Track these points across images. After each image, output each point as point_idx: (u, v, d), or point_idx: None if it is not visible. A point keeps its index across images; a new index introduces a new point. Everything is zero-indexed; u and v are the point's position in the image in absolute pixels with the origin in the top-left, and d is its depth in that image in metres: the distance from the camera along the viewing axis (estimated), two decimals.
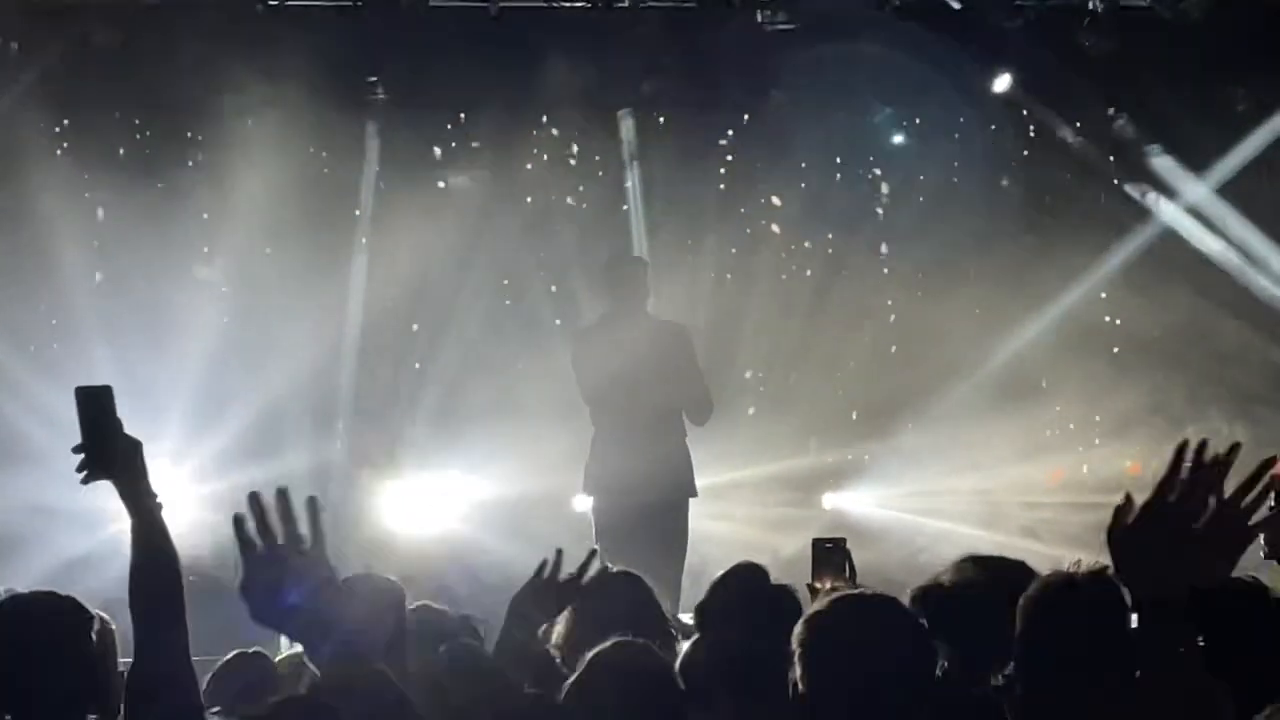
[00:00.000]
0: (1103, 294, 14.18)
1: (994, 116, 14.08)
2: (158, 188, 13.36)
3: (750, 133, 14.15)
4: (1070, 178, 14.31)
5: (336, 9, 12.71)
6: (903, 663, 3.83)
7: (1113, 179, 14.24)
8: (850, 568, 6.17)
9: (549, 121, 13.97)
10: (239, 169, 12.81)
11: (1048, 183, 14.49)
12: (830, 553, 6.13)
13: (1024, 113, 14.12)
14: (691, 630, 5.33)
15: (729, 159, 14.29)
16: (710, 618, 5.03)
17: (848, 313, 14.04)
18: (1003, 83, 13.53)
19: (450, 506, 13.20)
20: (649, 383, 9.76)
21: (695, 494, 10.09)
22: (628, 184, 14.08)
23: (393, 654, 5.60)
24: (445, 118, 13.89)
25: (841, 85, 13.34)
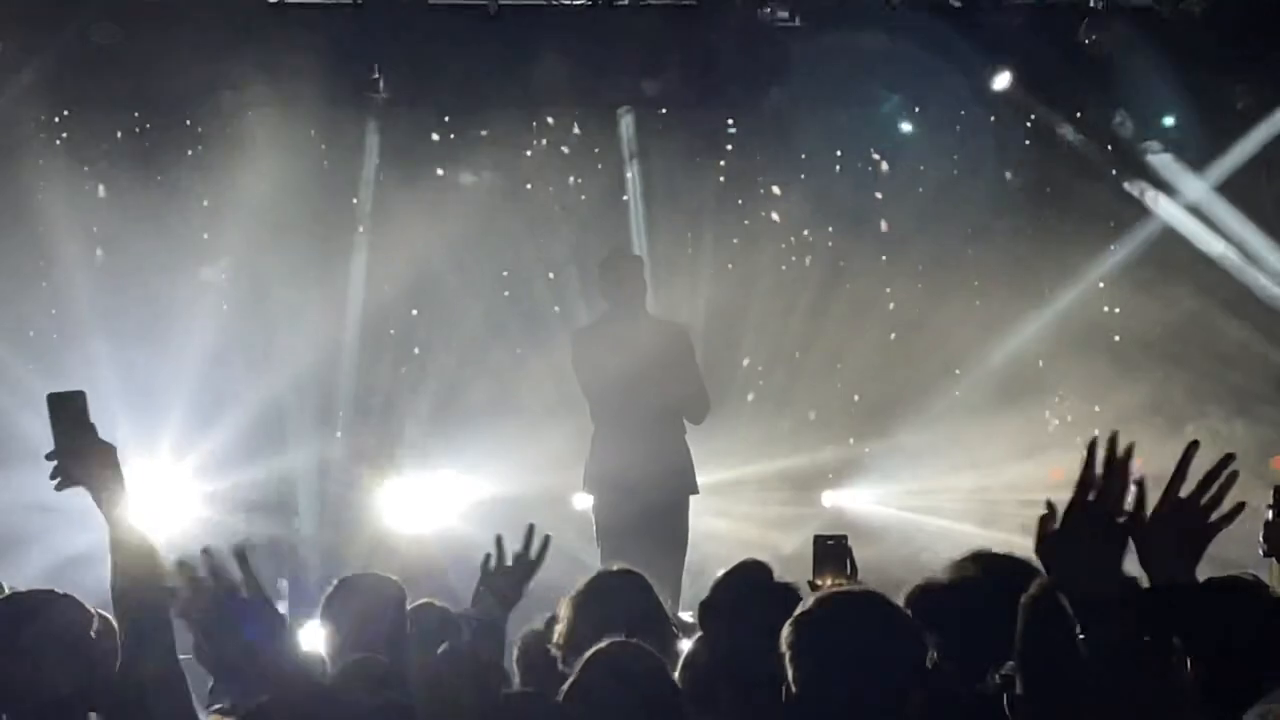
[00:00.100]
0: (1101, 286, 14.18)
1: (997, 110, 14.06)
2: (157, 181, 13.35)
3: (750, 128, 14.13)
4: (1071, 174, 14.30)
5: (337, 5, 12.71)
6: (889, 657, 3.82)
7: (1113, 176, 14.24)
8: (852, 564, 6.16)
9: (549, 118, 13.96)
10: (239, 165, 12.80)
11: (1049, 178, 14.49)
12: (832, 549, 6.12)
13: (1025, 109, 14.11)
14: (692, 628, 5.31)
15: (729, 154, 14.28)
16: (713, 615, 5.01)
17: (848, 307, 14.02)
18: (1003, 80, 13.52)
19: (450, 505, 13.19)
20: (648, 381, 9.74)
21: (696, 490, 10.06)
22: (628, 179, 14.07)
23: (393, 653, 5.60)
24: (445, 114, 13.88)
25: (843, 79, 13.32)
